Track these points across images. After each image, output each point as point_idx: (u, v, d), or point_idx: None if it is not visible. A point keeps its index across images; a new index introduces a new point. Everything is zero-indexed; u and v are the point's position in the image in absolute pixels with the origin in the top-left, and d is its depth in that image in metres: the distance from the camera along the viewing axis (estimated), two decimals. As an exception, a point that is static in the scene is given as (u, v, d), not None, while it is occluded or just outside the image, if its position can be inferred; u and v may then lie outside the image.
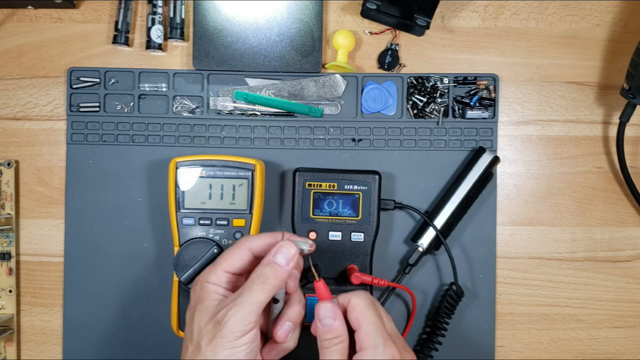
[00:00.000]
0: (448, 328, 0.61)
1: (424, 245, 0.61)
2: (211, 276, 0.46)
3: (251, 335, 0.43)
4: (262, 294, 0.43)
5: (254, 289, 0.43)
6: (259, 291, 0.43)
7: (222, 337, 0.42)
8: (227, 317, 0.42)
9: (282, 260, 0.44)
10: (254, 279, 0.44)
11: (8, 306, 0.63)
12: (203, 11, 0.62)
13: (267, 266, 0.44)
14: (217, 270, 0.46)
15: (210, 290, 0.45)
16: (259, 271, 0.44)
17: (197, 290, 0.46)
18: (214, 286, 0.45)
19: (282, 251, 0.44)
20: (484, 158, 0.61)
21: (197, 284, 0.46)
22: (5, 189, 0.63)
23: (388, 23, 0.63)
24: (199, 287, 0.46)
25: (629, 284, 0.64)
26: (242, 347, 0.42)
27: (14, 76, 0.64)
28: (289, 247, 0.44)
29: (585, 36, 0.64)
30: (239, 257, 0.46)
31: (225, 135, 0.63)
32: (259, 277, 0.44)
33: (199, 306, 0.45)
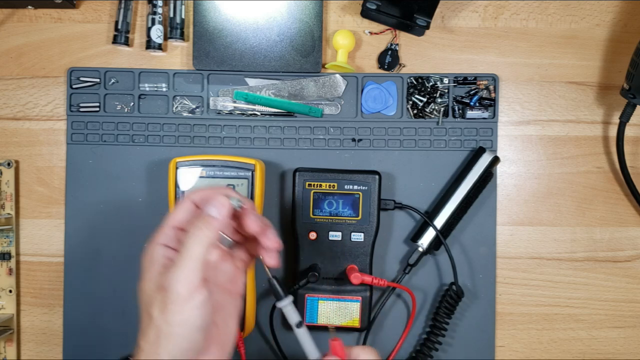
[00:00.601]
0: (448, 328, 0.61)
1: (424, 245, 0.61)
2: (159, 236, 0.44)
3: (201, 298, 0.41)
4: (199, 246, 0.42)
5: (189, 244, 0.42)
6: (195, 244, 0.42)
7: (171, 302, 0.40)
8: (170, 280, 0.41)
9: (214, 212, 0.43)
10: (189, 234, 0.42)
11: (8, 306, 0.63)
12: (203, 11, 0.62)
13: (201, 219, 0.43)
14: (163, 227, 0.45)
15: (157, 253, 0.44)
16: (192, 227, 0.43)
17: (146, 255, 0.44)
18: (161, 247, 0.44)
19: (214, 203, 0.43)
20: (484, 158, 0.61)
21: (146, 248, 0.45)
22: (5, 189, 0.63)
23: (388, 23, 0.63)
24: (147, 251, 0.44)
25: (629, 284, 0.64)
26: (194, 312, 0.40)
27: (14, 76, 0.64)
28: (221, 200, 0.44)
29: (585, 36, 0.64)
30: (183, 209, 0.45)
31: (225, 135, 0.63)
32: (194, 231, 0.42)
33: (146, 274, 0.43)
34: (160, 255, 0.44)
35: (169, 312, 0.40)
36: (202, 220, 0.43)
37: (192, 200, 0.46)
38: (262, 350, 0.63)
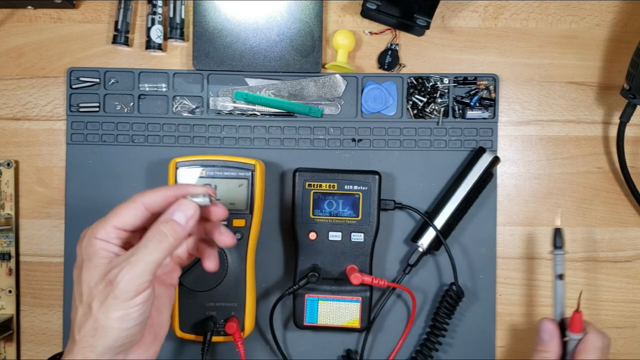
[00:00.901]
0: (448, 328, 0.61)
1: (424, 245, 0.61)
2: (100, 231, 0.42)
3: (145, 295, 0.40)
4: (159, 252, 0.40)
5: (150, 247, 0.40)
6: (155, 250, 0.40)
7: (115, 297, 0.39)
8: (119, 277, 0.39)
9: (182, 218, 0.41)
10: (150, 236, 0.41)
11: (8, 306, 0.63)
12: (203, 11, 0.62)
13: (166, 224, 0.41)
14: (106, 226, 0.42)
15: (99, 246, 0.41)
16: (156, 229, 0.41)
17: (84, 246, 0.42)
18: (103, 242, 0.41)
19: (182, 209, 0.41)
20: (484, 158, 0.61)
21: (84, 239, 0.42)
22: (5, 189, 0.63)
23: (388, 23, 0.63)
24: (86, 243, 0.42)
25: (629, 284, 0.64)
26: (136, 308, 0.40)
27: (13, 76, 0.64)
28: (189, 205, 0.42)
29: (585, 36, 0.64)
30: (132, 213, 0.42)
31: (225, 136, 0.63)
32: (156, 235, 0.41)
33: (87, 264, 0.41)
34: (102, 249, 0.42)
35: (110, 307, 0.40)
36: (167, 226, 0.41)
37: (143, 204, 0.42)
38: (262, 351, 0.63)
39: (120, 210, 0.42)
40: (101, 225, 0.42)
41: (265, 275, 0.63)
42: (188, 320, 0.59)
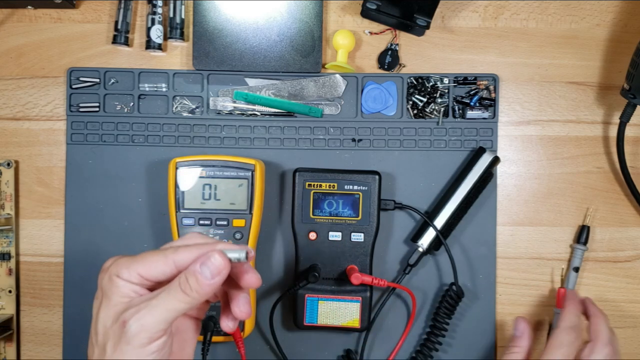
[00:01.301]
0: (448, 328, 0.61)
1: (424, 245, 0.61)
2: (123, 272, 0.39)
3: (160, 343, 0.38)
4: (180, 303, 0.38)
5: (171, 295, 0.38)
6: (177, 300, 0.38)
7: (127, 343, 0.37)
8: (133, 320, 0.37)
9: (207, 273, 0.38)
10: (175, 285, 0.38)
11: (8, 306, 0.63)
12: (203, 11, 0.62)
13: (192, 276, 0.38)
14: (131, 269, 0.39)
15: (120, 285, 0.39)
16: (183, 278, 0.38)
17: (105, 281, 0.40)
18: (124, 282, 0.39)
19: (209, 263, 0.38)
20: (484, 158, 0.61)
21: (106, 273, 0.40)
22: (5, 189, 0.63)
23: (388, 23, 0.63)
24: (107, 279, 0.40)
25: (629, 284, 0.64)
26: (151, 355, 0.38)
27: (13, 76, 0.64)
28: (218, 259, 0.38)
29: (585, 36, 0.64)
30: (161, 268, 0.39)
31: (225, 136, 0.63)
32: (181, 286, 0.38)
33: (105, 301, 0.39)
34: (123, 288, 0.39)
35: (123, 353, 0.38)
36: (192, 279, 0.38)
37: (174, 262, 0.39)
38: (262, 351, 0.63)
39: (149, 260, 0.40)
40: (126, 266, 0.40)
41: (265, 275, 0.63)
42: None
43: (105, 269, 0.40)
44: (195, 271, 0.38)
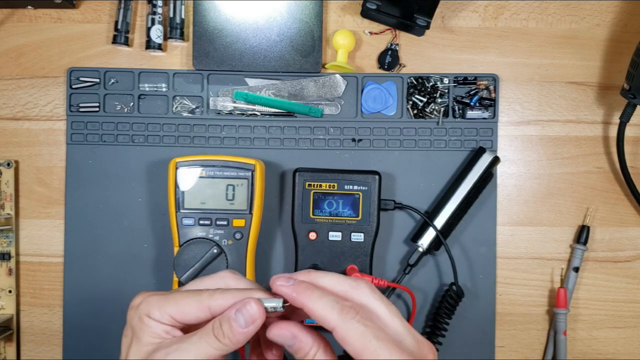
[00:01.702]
0: (448, 328, 0.61)
1: (424, 245, 0.61)
2: (155, 312, 0.38)
3: None
4: (212, 349, 0.38)
5: (203, 341, 0.37)
6: (209, 346, 0.37)
7: None
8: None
9: (242, 321, 0.37)
10: (208, 330, 0.38)
11: (8, 306, 0.63)
12: (203, 11, 0.62)
13: (225, 323, 0.38)
14: (163, 310, 0.38)
15: (152, 326, 0.38)
16: (216, 324, 0.38)
17: (135, 319, 0.39)
18: (156, 323, 0.38)
19: (244, 311, 0.37)
20: (484, 158, 0.61)
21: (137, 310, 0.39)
22: (5, 189, 0.63)
23: (388, 23, 0.63)
24: (138, 318, 0.39)
25: (629, 284, 0.64)
26: None
27: (13, 76, 0.64)
28: (254, 307, 0.38)
29: (585, 36, 0.64)
30: (195, 312, 0.38)
31: (225, 136, 0.63)
32: (214, 331, 0.38)
33: (136, 341, 0.39)
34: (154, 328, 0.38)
35: None
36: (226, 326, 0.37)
37: (209, 308, 0.38)
38: (262, 351, 0.63)
39: (182, 303, 0.39)
40: (157, 306, 0.39)
41: (265, 276, 0.63)
42: None
43: (135, 307, 0.39)
44: (230, 318, 0.38)
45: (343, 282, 0.39)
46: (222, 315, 0.38)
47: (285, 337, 0.38)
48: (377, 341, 0.36)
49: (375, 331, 0.37)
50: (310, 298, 0.37)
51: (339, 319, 0.37)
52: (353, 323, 0.37)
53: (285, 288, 0.38)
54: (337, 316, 0.37)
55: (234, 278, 0.41)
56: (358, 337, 0.36)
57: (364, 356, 0.36)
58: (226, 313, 0.38)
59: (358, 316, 0.37)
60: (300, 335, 0.38)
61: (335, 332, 0.37)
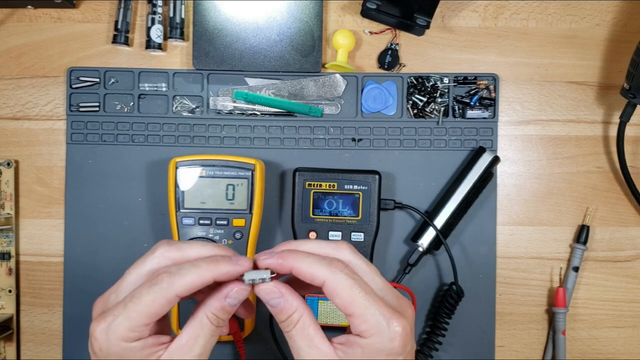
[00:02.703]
0: (448, 328, 0.61)
1: (424, 245, 0.61)
2: (129, 333, 0.36)
3: None
4: (215, 335, 0.38)
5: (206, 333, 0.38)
6: (212, 334, 0.38)
7: None
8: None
9: (234, 302, 0.38)
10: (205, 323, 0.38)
11: (8, 306, 0.63)
12: (203, 11, 0.62)
13: (220, 312, 0.38)
14: (134, 327, 0.36)
15: (134, 348, 0.37)
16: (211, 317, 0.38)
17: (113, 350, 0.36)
18: (138, 343, 0.37)
19: (233, 295, 0.38)
20: (484, 158, 0.61)
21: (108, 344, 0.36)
22: (5, 189, 0.63)
23: (388, 23, 0.63)
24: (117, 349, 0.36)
25: (629, 284, 0.64)
26: None
27: (13, 76, 0.64)
28: (241, 292, 0.38)
29: (585, 36, 0.64)
30: (164, 307, 0.37)
31: (225, 135, 0.63)
32: (213, 323, 0.38)
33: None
34: (145, 349, 0.37)
35: None
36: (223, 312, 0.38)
37: (177, 295, 0.36)
38: (262, 351, 0.63)
39: (148, 306, 0.36)
40: (126, 326, 0.36)
41: (265, 275, 0.63)
42: None
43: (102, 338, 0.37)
44: (224, 307, 0.38)
45: (324, 246, 0.40)
46: (211, 309, 0.38)
47: (273, 294, 0.38)
48: (365, 294, 0.37)
49: (363, 285, 0.38)
50: (297, 259, 0.38)
51: (329, 271, 0.37)
52: (342, 275, 0.37)
53: (271, 259, 0.38)
54: (326, 269, 0.37)
55: (176, 249, 0.39)
56: (347, 289, 0.37)
57: (352, 308, 0.37)
58: (216, 303, 0.38)
59: (346, 269, 0.38)
60: (287, 295, 0.38)
61: (325, 285, 0.37)
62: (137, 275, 0.39)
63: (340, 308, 0.38)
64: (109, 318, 0.37)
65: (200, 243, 0.40)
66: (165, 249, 0.39)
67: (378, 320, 0.37)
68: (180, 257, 0.39)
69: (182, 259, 0.39)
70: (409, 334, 0.38)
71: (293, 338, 0.39)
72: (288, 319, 0.39)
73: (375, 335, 0.37)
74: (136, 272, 0.39)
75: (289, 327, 0.39)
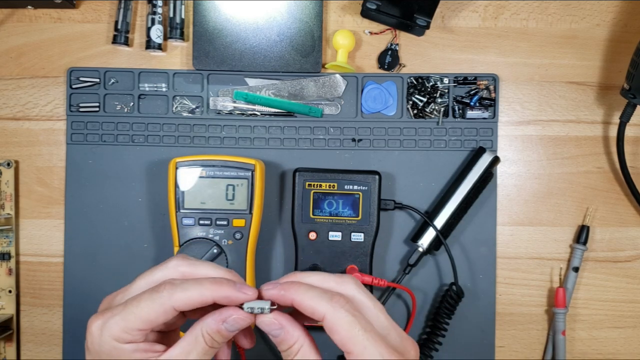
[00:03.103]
0: (448, 328, 0.61)
1: (424, 245, 0.61)
2: (122, 335, 0.36)
3: None
4: (208, 355, 0.38)
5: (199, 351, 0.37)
6: (205, 353, 0.37)
7: None
8: None
9: (232, 328, 0.38)
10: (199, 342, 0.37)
11: (8, 306, 0.63)
12: (203, 11, 0.62)
13: (216, 334, 0.37)
14: (129, 328, 0.36)
15: (126, 350, 0.36)
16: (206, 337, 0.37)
17: (106, 350, 0.36)
18: (130, 346, 0.36)
19: (231, 321, 0.38)
20: (484, 158, 0.61)
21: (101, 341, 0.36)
22: (5, 189, 0.63)
23: (388, 23, 0.63)
24: (109, 348, 0.36)
25: (629, 284, 0.64)
26: None
27: (13, 76, 0.64)
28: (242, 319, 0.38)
29: (585, 36, 0.64)
30: (161, 316, 0.36)
31: (225, 135, 0.63)
32: (208, 343, 0.37)
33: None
34: (136, 353, 0.37)
35: None
36: (219, 336, 0.37)
37: (174, 308, 0.36)
38: (262, 351, 0.63)
39: (145, 313, 0.36)
40: (122, 327, 0.36)
41: (266, 276, 0.63)
42: (188, 320, 0.58)
43: (96, 335, 0.37)
44: (220, 330, 0.37)
45: (328, 279, 0.39)
46: (208, 327, 0.37)
47: (273, 326, 0.38)
48: (364, 332, 0.36)
49: (363, 322, 0.37)
50: (298, 291, 0.37)
51: (329, 306, 0.37)
52: (342, 312, 0.36)
53: (274, 290, 0.38)
54: (327, 304, 0.37)
55: (187, 264, 0.39)
56: (347, 326, 0.36)
57: (350, 346, 0.36)
58: (213, 326, 0.37)
59: (347, 305, 0.37)
60: (288, 326, 0.38)
61: (325, 320, 0.37)
62: (146, 282, 0.39)
63: (339, 345, 0.37)
64: (107, 315, 0.37)
65: (213, 265, 0.40)
66: (178, 263, 0.39)
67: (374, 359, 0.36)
68: (190, 274, 0.39)
69: (191, 275, 0.39)
70: None
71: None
72: (289, 349, 0.38)
73: None
74: (146, 279, 0.39)
75: (290, 356, 0.38)
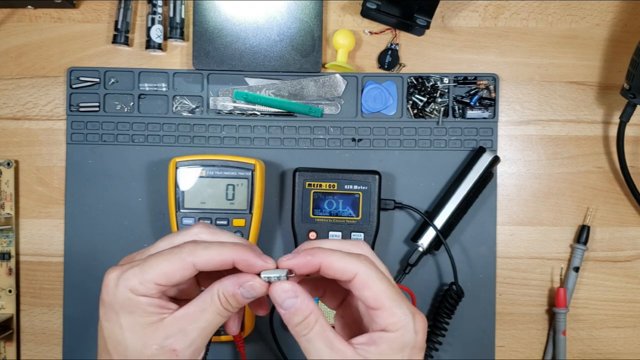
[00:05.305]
0: (448, 328, 0.61)
1: (424, 245, 0.61)
2: (139, 287, 0.36)
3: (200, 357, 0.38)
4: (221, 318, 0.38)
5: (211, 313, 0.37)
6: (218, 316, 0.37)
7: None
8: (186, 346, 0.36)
9: (248, 295, 0.37)
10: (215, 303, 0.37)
11: (8, 306, 0.63)
12: (203, 11, 0.62)
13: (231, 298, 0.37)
14: (146, 281, 0.36)
15: (142, 302, 0.36)
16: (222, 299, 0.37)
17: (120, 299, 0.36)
18: (146, 299, 0.36)
19: (248, 287, 0.37)
20: (484, 158, 0.61)
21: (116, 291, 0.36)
22: (5, 189, 0.63)
23: (388, 23, 0.63)
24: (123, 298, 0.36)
25: (629, 284, 0.64)
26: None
27: (13, 76, 0.64)
28: (259, 287, 0.37)
29: (585, 36, 0.64)
30: (181, 272, 0.36)
31: (225, 135, 0.63)
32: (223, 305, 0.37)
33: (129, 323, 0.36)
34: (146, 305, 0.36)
35: None
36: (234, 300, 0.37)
37: (194, 265, 0.36)
38: (262, 351, 0.63)
39: (164, 267, 0.36)
40: (139, 279, 0.36)
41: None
42: None
43: (112, 285, 0.36)
44: (236, 294, 0.37)
45: (345, 243, 0.40)
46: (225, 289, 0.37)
47: (289, 293, 0.37)
48: (394, 287, 0.38)
49: (389, 278, 0.38)
50: (326, 254, 0.37)
51: (360, 263, 0.37)
52: (373, 269, 0.37)
53: (296, 258, 0.37)
54: (357, 262, 0.37)
55: (209, 232, 0.39)
56: (378, 281, 0.37)
57: (382, 300, 0.37)
58: (230, 289, 0.37)
59: (374, 264, 0.38)
60: (303, 295, 0.37)
61: (356, 277, 0.37)
62: (168, 244, 0.39)
63: (369, 301, 0.37)
64: (125, 267, 0.37)
65: (232, 234, 0.40)
66: (200, 230, 0.39)
67: (405, 313, 0.37)
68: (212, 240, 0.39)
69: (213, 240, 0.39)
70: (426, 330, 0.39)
71: (312, 341, 0.37)
72: (304, 321, 0.37)
73: (402, 328, 0.37)
74: (168, 241, 0.39)
75: (306, 330, 0.37)
